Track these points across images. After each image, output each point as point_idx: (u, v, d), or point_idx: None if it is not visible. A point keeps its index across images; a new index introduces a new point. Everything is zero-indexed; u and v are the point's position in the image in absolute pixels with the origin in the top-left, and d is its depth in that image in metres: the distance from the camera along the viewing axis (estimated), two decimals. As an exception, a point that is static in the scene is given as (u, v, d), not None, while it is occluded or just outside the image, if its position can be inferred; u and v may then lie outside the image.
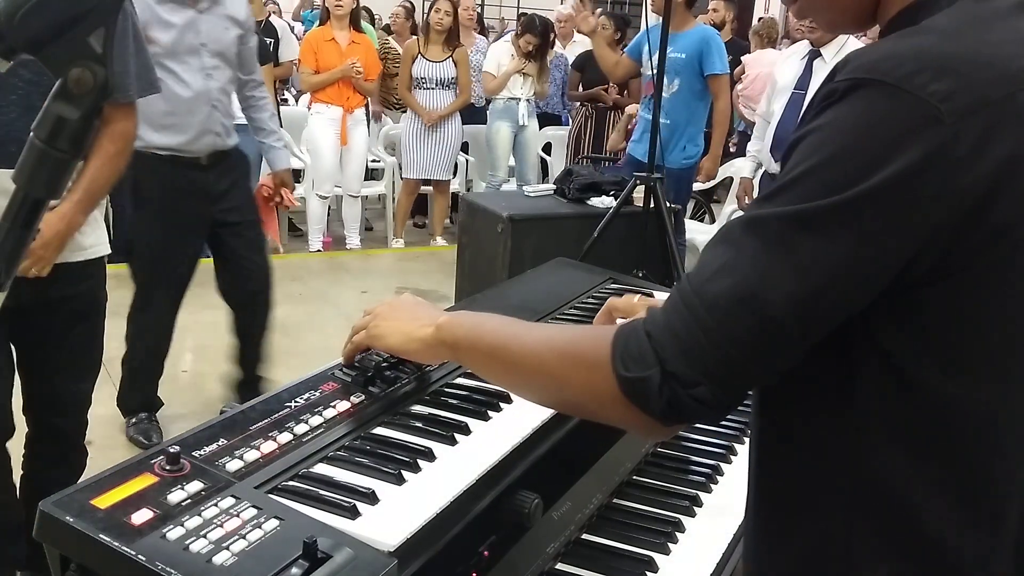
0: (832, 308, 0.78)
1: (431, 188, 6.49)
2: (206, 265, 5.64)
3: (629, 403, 0.82)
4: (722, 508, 1.38)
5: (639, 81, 5.95)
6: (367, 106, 6.46)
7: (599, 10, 6.76)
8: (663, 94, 4.66)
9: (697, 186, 6.66)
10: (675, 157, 4.57)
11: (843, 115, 0.76)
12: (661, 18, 3.97)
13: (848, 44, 4.10)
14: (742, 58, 7.17)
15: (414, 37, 6.41)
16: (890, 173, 0.73)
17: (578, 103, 6.69)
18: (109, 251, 2.24)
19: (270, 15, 6.56)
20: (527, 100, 6.40)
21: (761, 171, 4.51)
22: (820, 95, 0.79)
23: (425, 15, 6.26)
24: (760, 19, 7.85)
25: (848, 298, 0.77)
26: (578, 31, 5.07)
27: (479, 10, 8.67)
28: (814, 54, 4.15)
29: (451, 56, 6.12)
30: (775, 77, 4.44)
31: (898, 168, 0.73)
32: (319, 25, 6.17)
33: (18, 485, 2.30)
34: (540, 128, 7.15)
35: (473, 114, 6.80)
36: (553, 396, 0.96)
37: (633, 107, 6.09)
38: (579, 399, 0.90)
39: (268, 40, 6.25)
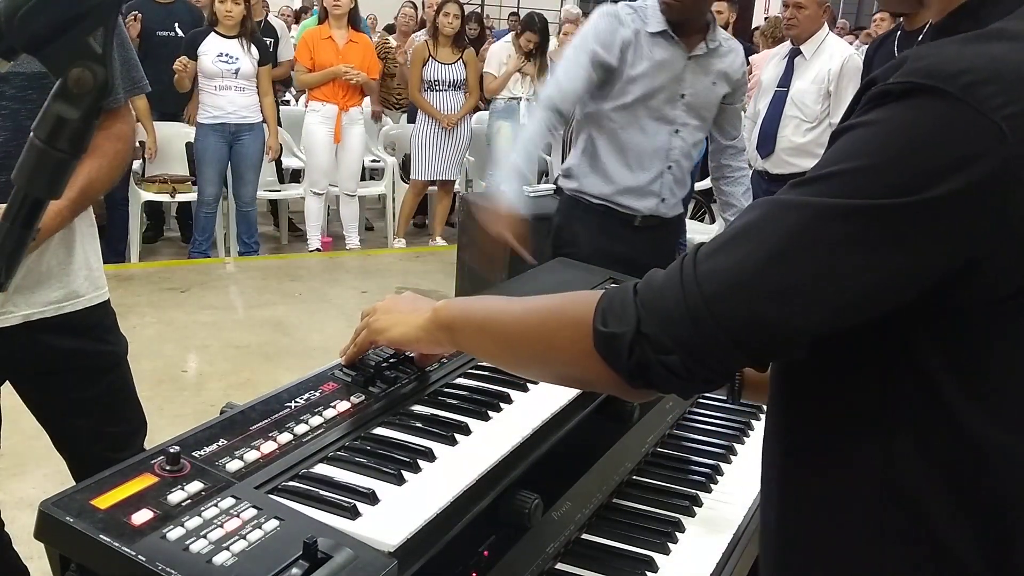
0: (832, 313, 0.74)
1: (435, 188, 6.50)
2: (206, 266, 5.63)
3: (601, 359, 0.81)
4: (722, 507, 1.38)
5: None
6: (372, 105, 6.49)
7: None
8: None
9: (698, 186, 6.67)
10: None
11: (897, 118, 0.72)
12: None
13: (827, 41, 4.13)
14: (749, 58, 7.17)
15: (423, 40, 6.43)
16: (946, 190, 0.69)
17: None
18: (108, 296, 2.01)
19: (267, 15, 6.56)
20: (527, 99, 6.42)
21: (750, 171, 4.53)
22: (872, 93, 0.75)
23: (433, 18, 6.28)
24: (766, 19, 7.85)
25: (853, 306, 0.74)
26: None
27: (479, 8, 8.67)
28: (795, 52, 4.18)
29: (461, 57, 6.17)
30: (760, 77, 4.47)
31: (955, 186, 0.69)
32: (318, 24, 6.18)
33: None
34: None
35: None
36: (537, 360, 0.95)
37: None
38: (560, 360, 0.89)
39: (268, 40, 6.27)
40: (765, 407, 0.98)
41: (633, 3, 2.58)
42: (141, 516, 0.87)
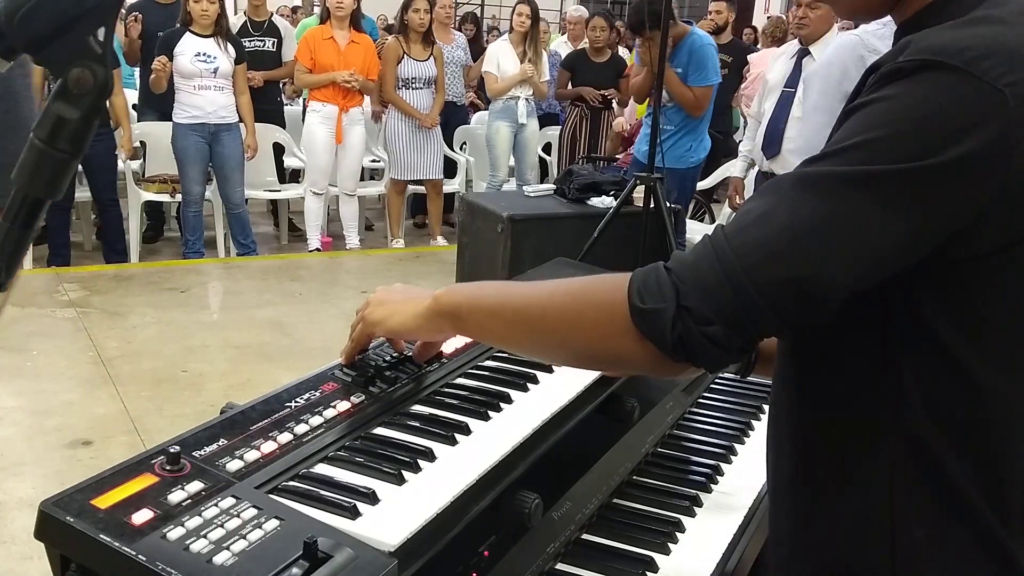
0: (864, 271, 0.79)
1: (424, 188, 6.50)
2: (206, 266, 5.64)
3: (641, 336, 0.84)
4: (722, 508, 1.38)
5: (626, 80, 5.98)
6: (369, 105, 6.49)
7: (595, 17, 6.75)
8: (668, 104, 4.71)
9: (697, 185, 6.69)
10: (681, 157, 4.60)
11: (911, 91, 0.78)
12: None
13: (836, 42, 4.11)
14: (748, 57, 7.18)
15: (392, 38, 6.42)
16: (959, 152, 0.75)
17: (570, 103, 6.68)
18: None
19: (272, 15, 6.56)
20: (526, 99, 6.41)
21: (754, 170, 4.53)
22: (882, 72, 0.81)
23: (401, 15, 6.26)
24: (768, 18, 7.87)
25: (881, 265, 0.79)
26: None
27: (479, 9, 8.68)
28: (803, 52, 4.16)
29: (431, 54, 6.16)
30: (766, 77, 4.46)
31: (966, 149, 0.75)
32: (319, 24, 6.18)
33: None
34: (540, 128, 7.18)
35: (456, 112, 6.83)
36: (563, 341, 0.95)
37: (619, 121, 6.12)
38: (590, 339, 0.90)
39: (272, 40, 6.27)
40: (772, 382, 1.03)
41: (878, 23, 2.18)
42: (141, 516, 0.87)
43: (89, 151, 1.80)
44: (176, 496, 0.91)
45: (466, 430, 1.16)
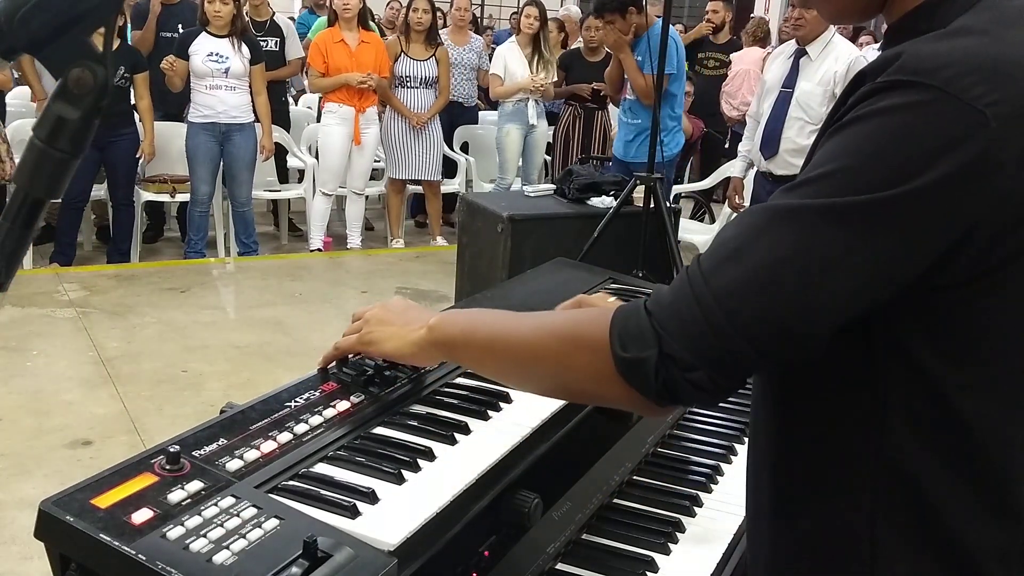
0: (846, 306, 0.77)
1: (422, 188, 6.50)
2: (206, 266, 5.63)
3: (626, 383, 0.82)
4: (722, 508, 1.38)
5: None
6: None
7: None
8: (629, 97, 4.72)
9: (697, 185, 6.70)
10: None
11: (886, 115, 0.75)
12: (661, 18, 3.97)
13: (833, 42, 4.12)
14: (731, 56, 7.21)
15: (393, 36, 6.43)
16: (934, 177, 0.72)
17: (564, 102, 6.66)
18: None
19: (274, 14, 6.56)
20: (535, 101, 6.39)
21: (753, 170, 4.54)
22: (861, 93, 0.78)
23: (404, 14, 6.27)
24: (751, 18, 7.89)
25: (865, 296, 0.77)
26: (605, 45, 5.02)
27: (479, 9, 8.65)
28: (800, 52, 4.17)
29: (434, 55, 6.16)
30: (764, 77, 4.46)
31: (943, 172, 0.72)
32: (328, 27, 6.19)
33: None
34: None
35: (463, 113, 6.82)
36: (553, 382, 0.94)
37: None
38: (579, 381, 0.89)
39: (275, 39, 6.27)
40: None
41: None
42: (141, 515, 0.87)
43: (112, 149, 1.85)
44: (176, 495, 0.91)
45: (466, 430, 1.16)
